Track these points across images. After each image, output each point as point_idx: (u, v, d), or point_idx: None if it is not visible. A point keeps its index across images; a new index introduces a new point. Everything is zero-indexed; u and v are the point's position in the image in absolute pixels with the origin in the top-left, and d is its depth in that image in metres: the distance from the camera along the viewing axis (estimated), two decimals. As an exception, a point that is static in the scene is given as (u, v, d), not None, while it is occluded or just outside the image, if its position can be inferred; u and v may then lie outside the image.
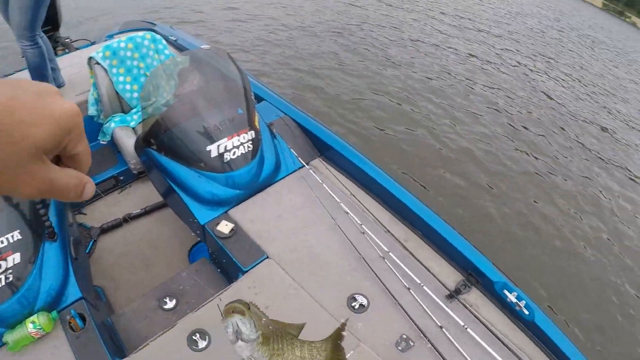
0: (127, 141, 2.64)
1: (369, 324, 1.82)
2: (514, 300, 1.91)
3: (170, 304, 2.01)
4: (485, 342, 1.76)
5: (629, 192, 5.88)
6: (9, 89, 0.32)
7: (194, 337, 1.65)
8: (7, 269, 1.69)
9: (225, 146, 2.21)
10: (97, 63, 2.86)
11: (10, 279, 1.69)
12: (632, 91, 10.80)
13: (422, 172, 4.91)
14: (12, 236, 1.75)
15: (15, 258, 1.72)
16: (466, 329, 1.80)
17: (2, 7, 2.83)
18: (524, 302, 1.89)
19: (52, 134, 0.34)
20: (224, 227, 2.09)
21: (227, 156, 2.21)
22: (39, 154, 0.33)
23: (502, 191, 5.00)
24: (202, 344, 1.64)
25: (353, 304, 1.88)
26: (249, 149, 2.28)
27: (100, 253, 2.54)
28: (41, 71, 2.97)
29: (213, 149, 2.19)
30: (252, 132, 2.33)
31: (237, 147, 2.24)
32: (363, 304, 1.88)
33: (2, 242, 1.72)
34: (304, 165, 2.48)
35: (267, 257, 2.01)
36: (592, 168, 6.13)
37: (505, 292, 1.95)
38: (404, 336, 1.79)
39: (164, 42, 3.12)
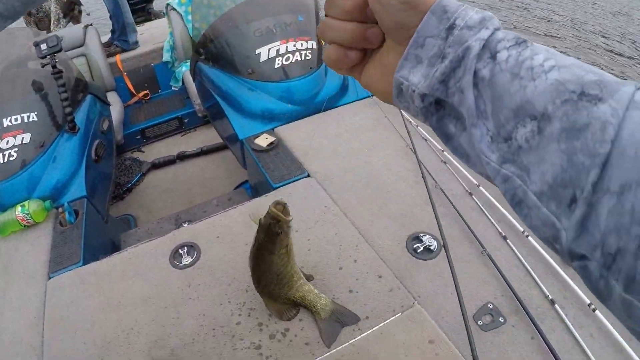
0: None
1: (435, 277, 1.22)
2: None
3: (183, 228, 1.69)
4: None
5: None
6: None
7: (180, 251, 1.30)
8: (12, 147, 1.58)
9: (278, 50, 1.83)
10: (173, 9, 2.80)
11: (14, 157, 1.57)
12: None
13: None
14: (28, 116, 1.64)
15: (24, 138, 1.60)
16: (594, 310, 1.12)
17: None
18: None
19: None
20: (263, 140, 1.68)
21: (279, 61, 1.82)
22: None
23: None
24: (186, 260, 1.28)
25: (415, 246, 1.30)
26: (308, 58, 1.86)
27: (146, 187, 2.39)
28: (117, 17, 3.02)
29: (263, 52, 1.83)
30: (314, 42, 1.93)
31: (292, 52, 1.84)
32: (430, 247, 1.29)
33: (15, 119, 1.62)
34: None
35: (308, 176, 1.54)
36: None
37: None
38: (490, 306, 1.16)
39: None
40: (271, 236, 0.96)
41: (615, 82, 0.27)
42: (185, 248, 1.31)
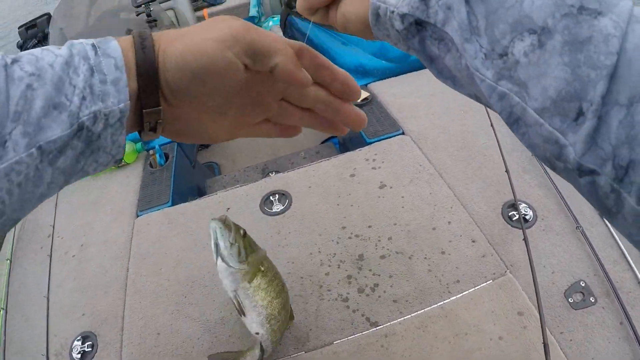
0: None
1: (530, 247, 1.20)
2: None
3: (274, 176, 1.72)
4: None
5: None
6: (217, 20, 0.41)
7: (271, 198, 1.33)
8: None
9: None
10: None
11: None
12: None
13: None
14: None
15: None
16: None
17: None
18: None
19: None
20: None
21: (376, 16, 1.76)
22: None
23: None
24: (276, 207, 1.31)
25: (510, 214, 1.27)
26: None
27: None
28: None
29: None
30: None
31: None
32: (527, 216, 1.26)
33: None
34: None
35: (403, 133, 1.51)
36: None
37: None
38: (582, 284, 1.12)
39: None
40: None
41: None
42: (277, 195, 1.34)
